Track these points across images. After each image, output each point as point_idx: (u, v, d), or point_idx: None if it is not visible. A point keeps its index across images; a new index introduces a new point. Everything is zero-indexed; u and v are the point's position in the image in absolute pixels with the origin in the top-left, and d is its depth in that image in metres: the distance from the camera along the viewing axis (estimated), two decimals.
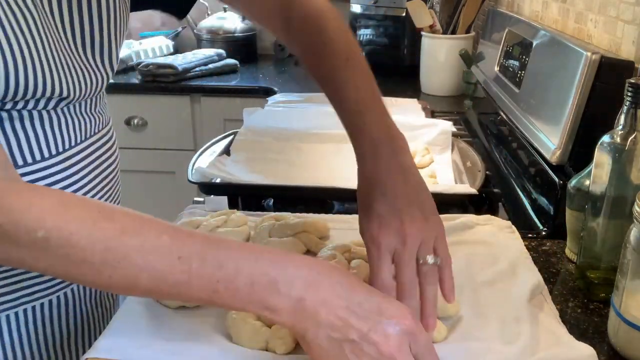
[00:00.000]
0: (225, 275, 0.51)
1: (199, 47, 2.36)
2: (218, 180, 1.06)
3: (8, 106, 0.60)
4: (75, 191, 0.69)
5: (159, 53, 2.30)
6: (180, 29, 2.51)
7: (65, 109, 0.67)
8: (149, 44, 2.29)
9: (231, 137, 1.28)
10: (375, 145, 0.67)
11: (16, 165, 0.63)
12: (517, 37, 1.32)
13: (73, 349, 0.76)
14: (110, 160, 0.77)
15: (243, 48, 2.38)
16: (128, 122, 2.02)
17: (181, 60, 2.07)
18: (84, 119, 0.71)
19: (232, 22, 2.38)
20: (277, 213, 0.91)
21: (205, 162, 1.14)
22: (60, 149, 0.67)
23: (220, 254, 0.52)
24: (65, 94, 0.64)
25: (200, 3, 2.52)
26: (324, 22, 0.74)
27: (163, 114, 2.04)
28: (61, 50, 0.63)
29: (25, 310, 0.68)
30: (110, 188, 0.77)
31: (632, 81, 0.69)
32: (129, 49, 2.22)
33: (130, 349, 0.62)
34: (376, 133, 0.68)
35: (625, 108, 0.71)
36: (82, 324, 0.76)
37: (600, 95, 0.92)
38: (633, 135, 0.70)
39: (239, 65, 2.24)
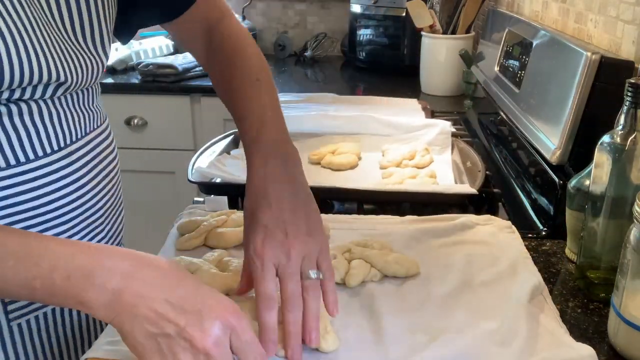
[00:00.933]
0: (41, 271, 0.52)
1: None
2: (218, 180, 1.06)
3: (5, 95, 0.61)
4: (78, 189, 0.70)
5: (159, 53, 2.30)
6: None
7: (63, 100, 0.68)
8: (149, 44, 2.29)
9: (231, 137, 1.28)
10: (267, 157, 0.67)
11: (18, 163, 0.63)
12: (517, 37, 1.32)
13: (79, 348, 0.77)
14: (110, 158, 0.77)
15: None
16: (128, 122, 2.02)
17: (181, 60, 2.07)
18: (82, 114, 0.71)
19: None
20: None
21: (205, 162, 1.14)
22: (62, 144, 0.67)
23: (38, 251, 0.52)
24: (62, 78, 0.64)
25: None
26: (241, 46, 0.79)
27: (163, 114, 2.04)
28: (54, 37, 0.64)
29: (37, 317, 0.69)
30: (112, 187, 0.78)
31: (632, 81, 0.69)
32: (129, 49, 2.22)
33: None
34: (270, 147, 0.69)
35: (625, 108, 0.71)
36: (86, 323, 0.77)
37: (600, 95, 0.92)
38: (633, 135, 0.70)
39: None
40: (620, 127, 0.71)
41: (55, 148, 0.67)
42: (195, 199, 1.04)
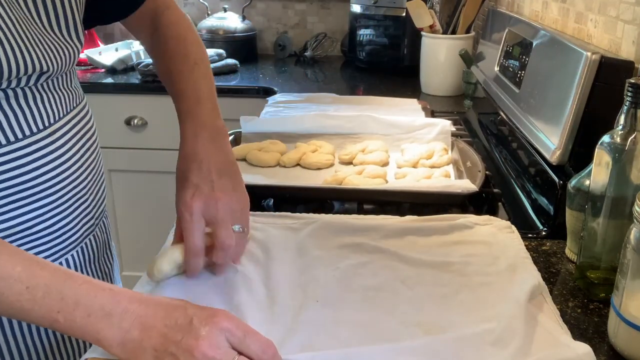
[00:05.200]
0: (65, 306, 0.56)
1: None
2: None
3: None
4: (63, 163, 0.75)
5: None
6: None
7: (45, 85, 0.72)
8: None
9: (231, 137, 1.28)
10: (198, 128, 0.78)
11: (8, 142, 0.67)
12: (517, 37, 1.32)
13: (80, 342, 0.79)
14: (90, 133, 0.82)
15: (243, 48, 2.39)
16: (128, 122, 2.02)
17: None
18: (63, 94, 0.76)
19: (232, 22, 2.39)
20: None
21: None
22: (46, 124, 0.72)
23: (65, 286, 0.57)
24: (45, 68, 0.69)
25: (200, 3, 2.53)
26: (183, 33, 0.88)
27: (163, 114, 2.04)
28: (33, 31, 0.69)
29: None
30: (93, 161, 0.82)
31: (632, 81, 0.69)
32: (129, 49, 2.22)
33: None
34: (202, 120, 0.79)
35: (625, 108, 0.71)
36: None
37: (600, 95, 0.92)
38: (633, 135, 0.70)
39: (239, 65, 2.24)
40: (620, 127, 0.71)
41: (41, 127, 0.71)
42: None
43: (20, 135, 0.69)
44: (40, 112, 0.72)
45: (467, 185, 1.00)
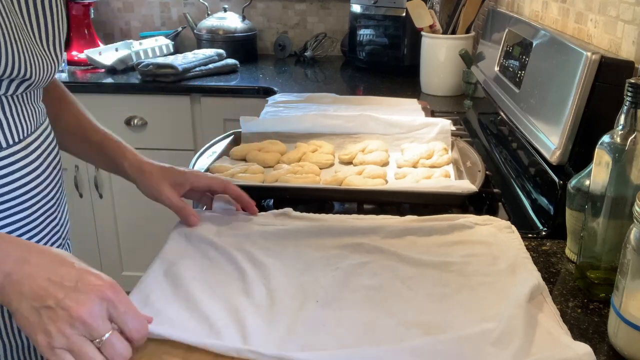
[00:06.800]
0: None
1: (199, 47, 2.36)
2: None
3: None
4: (35, 178, 0.77)
5: (159, 53, 2.30)
6: (180, 29, 2.51)
7: (22, 99, 0.75)
8: (149, 44, 2.29)
9: (231, 137, 1.28)
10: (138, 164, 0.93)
11: None
12: (517, 37, 1.32)
13: None
14: (56, 150, 0.84)
15: (243, 48, 2.39)
16: (128, 122, 2.02)
17: (181, 60, 2.07)
18: (34, 109, 0.78)
19: (232, 22, 2.39)
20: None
21: (206, 162, 1.15)
22: (21, 137, 0.74)
23: None
24: (28, 75, 0.71)
25: (200, 3, 2.53)
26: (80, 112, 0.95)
27: (163, 114, 2.04)
28: (25, 38, 0.71)
29: None
30: (59, 178, 0.85)
31: (632, 81, 0.69)
32: (129, 49, 2.22)
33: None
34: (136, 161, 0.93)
35: (625, 108, 0.71)
36: None
37: (600, 95, 0.92)
38: (633, 135, 0.70)
39: (239, 65, 2.24)
40: (620, 127, 0.71)
41: (16, 140, 0.73)
42: None
43: (4, 144, 0.71)
44: (16, 124, 0.73)
45: (467, 186, 1.00)
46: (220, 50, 2.25)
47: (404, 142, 1.27)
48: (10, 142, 0.72)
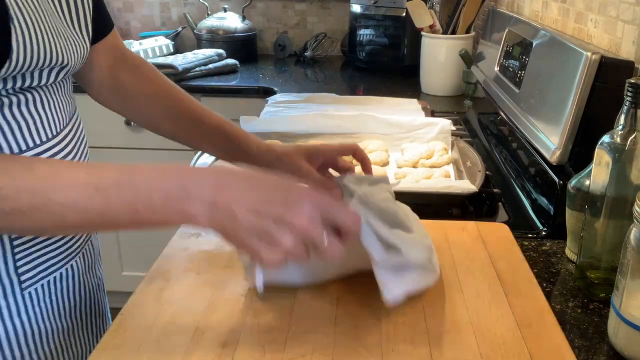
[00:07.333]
0: (140, 195, 0.57)
1: (199, 47, 2.36)
2: None
3: (18, 83, 0.65)
4: None
5: (159, 53, 2.30)
6: (180, 29, 2.51)
7: (57, 90, 0.73)
8: (149, 44, 2.29)
9: None
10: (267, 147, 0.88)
11: (20, 151, 0.67)
12: (517, 37, 1.32)
13: (84, 316, 0.81)
14: (85, 140, 0.83)
15: (243, 48, 2.39)
16: (128, 122, 2.02)
17: (181, 60, 2.07)
18: (67, 101, 0.77)
19: (232, 22, 2.39)
20: None
21: (206, 162, 1.15)
22: (57, 130, 0.72)
23: (133, 178, 0.58)
24: (65, 61, 0.70)
25: (200, 3, 2.53)
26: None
27: None
28: (55, 22, 0.69)
29: (42, 285, 0.72)
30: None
31: (632, 81, 0.69)
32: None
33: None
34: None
35: (625, 108, 0.71)
36: (85, 293, 0.81)
37: (600, 95, 0.92)
38: (633, 135, 0.70)
39: (239, 65, 2.24)
40: (620, 127, 0.71)
41: (54, 133, 0.72)
42: None
43: (32, 143, 0.69)
44: (53, 117, 0.72)
45: (467, 186, 1.00)
46: (220, 50, 2.25)
47: (404, 142, 1.27)
48: (49, 136, 0.71)
